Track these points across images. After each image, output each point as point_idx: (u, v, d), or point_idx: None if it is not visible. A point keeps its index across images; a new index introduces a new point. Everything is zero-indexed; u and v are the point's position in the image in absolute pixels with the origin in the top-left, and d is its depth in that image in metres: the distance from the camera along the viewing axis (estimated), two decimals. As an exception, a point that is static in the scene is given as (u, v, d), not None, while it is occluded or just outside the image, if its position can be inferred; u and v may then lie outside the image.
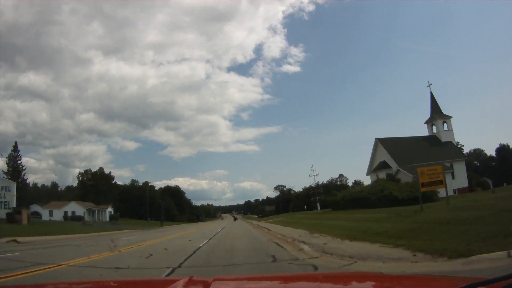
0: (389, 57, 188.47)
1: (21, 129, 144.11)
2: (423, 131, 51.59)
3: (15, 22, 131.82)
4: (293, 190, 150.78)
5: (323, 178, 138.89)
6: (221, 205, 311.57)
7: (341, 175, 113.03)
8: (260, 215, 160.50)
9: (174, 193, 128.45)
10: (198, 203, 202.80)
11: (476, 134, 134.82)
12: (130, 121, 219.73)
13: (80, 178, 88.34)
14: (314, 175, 69.34)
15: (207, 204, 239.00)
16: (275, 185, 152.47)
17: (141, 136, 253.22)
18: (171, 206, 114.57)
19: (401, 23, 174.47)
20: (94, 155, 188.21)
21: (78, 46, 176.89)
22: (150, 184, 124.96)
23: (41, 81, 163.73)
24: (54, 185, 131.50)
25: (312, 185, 74.51)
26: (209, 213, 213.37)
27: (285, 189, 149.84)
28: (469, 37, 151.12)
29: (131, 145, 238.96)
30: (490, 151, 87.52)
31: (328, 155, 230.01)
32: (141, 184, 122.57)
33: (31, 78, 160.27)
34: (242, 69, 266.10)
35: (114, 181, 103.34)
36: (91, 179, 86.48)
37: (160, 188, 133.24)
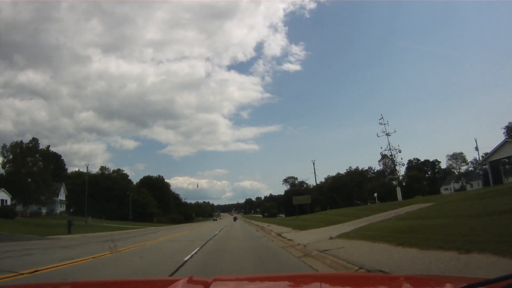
0: (390, 55, 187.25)
1: (20, 128, 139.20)
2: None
3: (13, 19, 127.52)
4: (306, 183, 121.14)
5: (330, 173, 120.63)
6: (221, 204, 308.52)
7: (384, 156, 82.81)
8: (266, 214, 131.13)
9: (155, 185, 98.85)
10: (199, 202, 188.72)
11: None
12: (129, 119, 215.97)
13: (6, 154, 58.68)
14: (386, 133, 37.38)
15: (203, 202, 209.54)
16: (285, 177, 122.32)
17: (141, 135, 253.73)
18: (147, 202, 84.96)
19: (402, 22, 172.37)
20: (94, 154, 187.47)
21: (76, 43, 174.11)
22: (122, 172, 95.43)
23: (39, 79, 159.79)
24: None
25: (390, 157, 40.68)
26: (204, 212, 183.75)
27: (296, 182, 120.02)
28: (469, 37, 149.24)
29: (130, 143, 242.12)
30: None
31: (329, 153, 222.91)
32: (111, 171, 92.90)
33: (30, 76, 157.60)
34: (242, 67, 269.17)
35: (71, 169, 74.16)
36: (18, 154, 56.95)
37: (141, 179, 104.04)
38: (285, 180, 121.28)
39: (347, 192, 76.73)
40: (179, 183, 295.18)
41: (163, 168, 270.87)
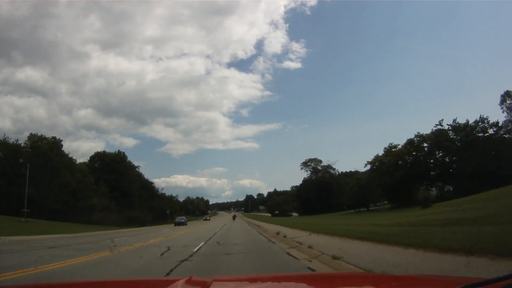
0: (392, 53, 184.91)
1: (18, 126, 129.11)
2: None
3: (11, 16, 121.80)
4: (333, 168, 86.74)
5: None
6: (219, 202, 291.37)
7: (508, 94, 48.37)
8: (277, 212, 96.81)
9: (111, 166, 64.47)
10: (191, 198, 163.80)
11: None
12: (128, 117, 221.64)
13: None
14: None
15: (196, 198, 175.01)
16: (304, 160, 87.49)
17: (140, 133, 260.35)
18: (84, 187, 50.84)
19: (403, 20, 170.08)
20: (93, 152, 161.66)
21: (75, 40, 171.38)
22: (60, 141, 61.35)
23: (38, 76, 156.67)
24: None
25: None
26: (196, 209, 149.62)
27: (319, 166, 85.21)
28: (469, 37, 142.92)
29: (129, 141, 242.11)
30: None
31: (330, 152, 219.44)
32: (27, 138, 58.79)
33: (28, 73, 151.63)
34: (242, 64, 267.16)
35: None
36: None
37: (91, 157, 69.55)
38: (305, 164, 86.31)
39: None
40: (178, 181, 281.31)
41: (162, 166, 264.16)
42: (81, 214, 49.09)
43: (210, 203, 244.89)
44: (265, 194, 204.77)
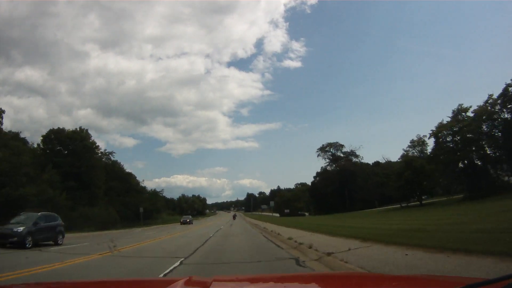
0: (393, 52, 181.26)
1: (18, 126, 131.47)
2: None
3: (10, 14, 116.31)
4: (356, 155, 69.86)
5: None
6: (219, 202, 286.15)
7: None
8: (287, 211, 79.35)
9: (65, 144, 47.62)
10: (185, 196, 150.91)
11: None
12: (128, 116, 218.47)
13: None
14: None
15: (193, 196, 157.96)
16: (322, 145, 70.27)
17: (139, 132, 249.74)
18: (8, 170, 33.85)
19: (405, 18, 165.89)
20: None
21: (74, 39, 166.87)
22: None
23: (37, 76, 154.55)
24: None
25: None
26: (191, 208, 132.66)
27: (340, 151, 67.79)
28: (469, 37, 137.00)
29: (129, 141, 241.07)
30: None
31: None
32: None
33: (28, 73, 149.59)
34: (242, 64, 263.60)
35: None
36: None
37: (44, 136, 52.20)
38: (322, 150, 68.98)
39: None
40: (178, 181, 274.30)
41: (162, 166, 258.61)
42: (2, 208, 32.36)
43: (211, 202, 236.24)
44: (267, 193, 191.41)
